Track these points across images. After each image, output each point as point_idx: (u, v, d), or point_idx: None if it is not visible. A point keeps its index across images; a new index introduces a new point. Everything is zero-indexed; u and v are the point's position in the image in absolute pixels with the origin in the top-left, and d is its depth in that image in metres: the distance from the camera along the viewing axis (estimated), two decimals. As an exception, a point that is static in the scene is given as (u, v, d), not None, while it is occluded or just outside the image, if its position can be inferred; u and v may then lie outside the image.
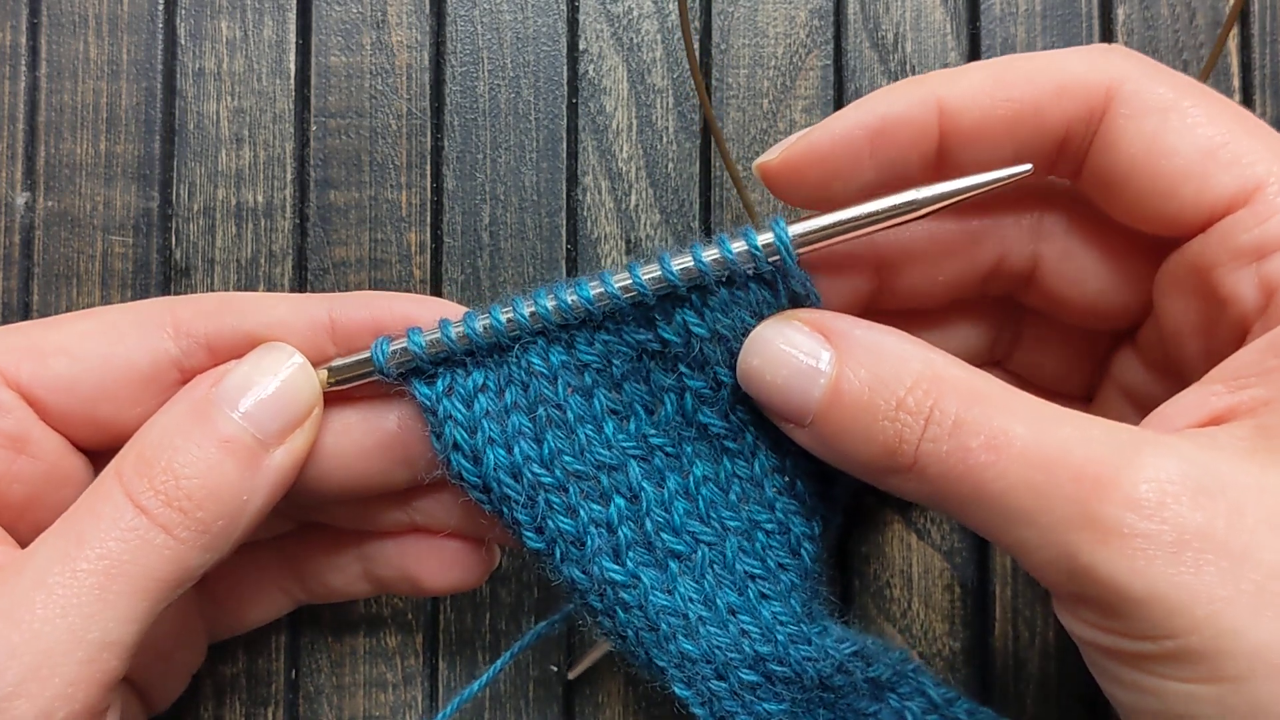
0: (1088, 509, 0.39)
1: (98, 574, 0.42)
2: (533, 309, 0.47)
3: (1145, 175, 0.45)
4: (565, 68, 0.64)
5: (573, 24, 0.64)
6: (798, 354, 0.45)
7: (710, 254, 0.46)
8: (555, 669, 0.62)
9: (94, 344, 0.48)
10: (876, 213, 0.46)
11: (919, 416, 0.42)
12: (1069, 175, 0.48)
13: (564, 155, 0.63)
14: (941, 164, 0.47)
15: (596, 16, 0.64)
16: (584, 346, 0.49)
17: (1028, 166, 0.46)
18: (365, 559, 0.55)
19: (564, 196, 0.63)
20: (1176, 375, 0.48)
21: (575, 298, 0.47)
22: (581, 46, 0.64)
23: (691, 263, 0.46)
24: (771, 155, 0.48)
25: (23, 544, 0.45)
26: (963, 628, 0.62)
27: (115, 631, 0.43)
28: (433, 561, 0.54)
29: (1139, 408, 0.45)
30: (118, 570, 0.43)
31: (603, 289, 0.47)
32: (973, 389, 0.42)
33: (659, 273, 0.47)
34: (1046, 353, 0.55)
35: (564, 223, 0.63)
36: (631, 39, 0.64)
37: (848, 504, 0.62)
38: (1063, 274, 0.50)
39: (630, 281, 0.47)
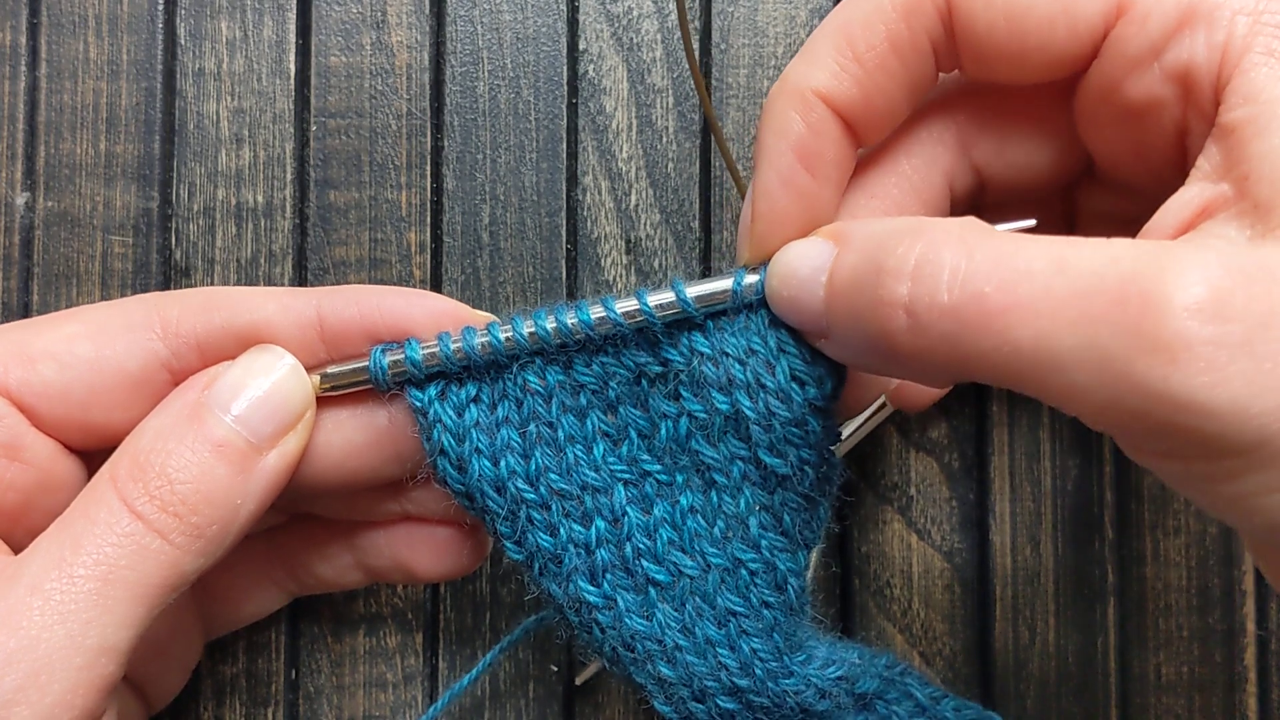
0: (1143, 331, 0.35)
1: (95, 580, 0.43)
2: (533, 331, 0.47)
3: (1015, 38, 0.44)
4: (565, 68, 0.64)
5: (573, 24, 0.64)
6: (806, 261, 0.44)
7: (722, 284, 0.47)
8: (555, 669, 0.62)
9: (82, 348, 0.48)
10: None
11: (902, 275, 0.40)
12: (955, 68, 0.48)
13: (564, 155, 0.63)
14: (858, 134, 0.47)
15: (596, 16, 0.64)
16: (581, 368, 0.49)
17: (1032, 222, 0.47)
18: (357, 549, 0.55)
19: (564, 196, 0.63)
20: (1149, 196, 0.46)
21: (576, 321, 0.47)
22: (581, 46, 0.64)
23: (705, 291, 0.47)
24: (744, 254, 0.48)
25: (17, 549, 0.45)
26: (963, 628, 0.62)
27: (113, 637, 0.43)
28: (425, 549, 0.54)
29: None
30: (115, 576, 0.43)
31: (605, 314, 0.47)
32: (969, 233, 0.40)
33: (672, 298, 0.47)
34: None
35: (564, 223, 0.63)
36: (631, 39, 0.63)
37: (846, 507, 0.62)
38: (1005, 163, 0.50)
39: (637, 307, 0.47)
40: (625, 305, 0.47)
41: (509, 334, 0.47)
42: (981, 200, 0.52)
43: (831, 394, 0.48)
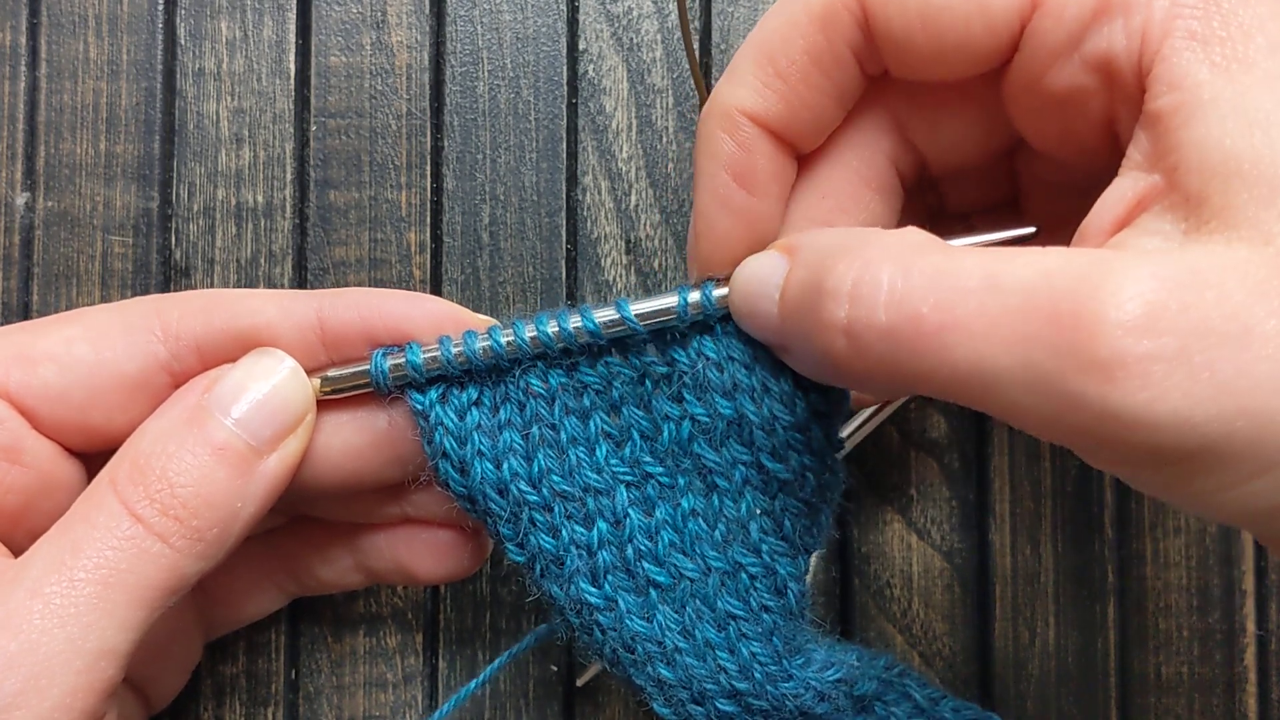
0: (1078, 350, 0.35)
1: (95, 583, 0.43)
2: (534, 335, 0.47)
3: (932, 39, 0.44)
4: (565, 68, 0.64)
5: (573, 24, 0.64)
6: (761, 276, 0.45)
7: (724, 290, 0.47)
8: (555, 669, 0.62)
9: (83, 351, 0.48)
10: None
11: (841, 297, 0.39)
12: (882, 70, 0.47)
13: (564, 155, 0.63)
14: (792, 144, 0.48)
15: (596, 16, 0.63)
16: (586, 368, 0.49)
17: (1032, 229, 0.47)
18: (358, 551, 0.55)
19: (564, 196, 0.63)
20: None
21: (579, 325, 0.47)
22: (581, 46, 0.64)
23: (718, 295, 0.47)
24: (693, 274, 0.49)
25: (17, 552, 0.45)
26: (963, 628, 0.62)
27: (113, 640, 0.43)
28: (426, 552, 0.54)
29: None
30: (115, 579, 0.43)
31: (616, 316, 0.48)
32: (908, 250, 0.39)
33: (674, 303, 0.47)
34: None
35: (564, 223, 0.63)
36: (631, 39, 0.63)
37: (846, 509, 0.62)
38: (939, 143, 0.50)
39: (644, 310, 0.47)
40: (631, 309, 0.47)
41: (510, 338, 0.47)
42: (926, 175, 0.52)
43: (836, 400, 0.48)
